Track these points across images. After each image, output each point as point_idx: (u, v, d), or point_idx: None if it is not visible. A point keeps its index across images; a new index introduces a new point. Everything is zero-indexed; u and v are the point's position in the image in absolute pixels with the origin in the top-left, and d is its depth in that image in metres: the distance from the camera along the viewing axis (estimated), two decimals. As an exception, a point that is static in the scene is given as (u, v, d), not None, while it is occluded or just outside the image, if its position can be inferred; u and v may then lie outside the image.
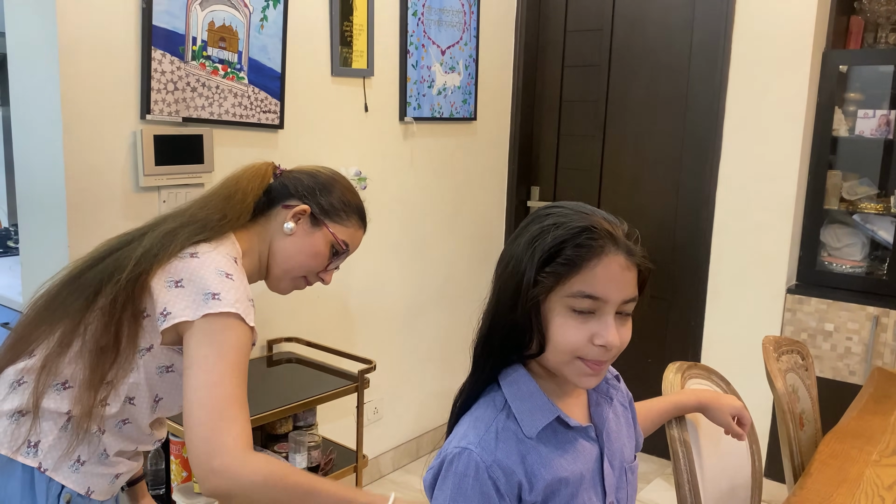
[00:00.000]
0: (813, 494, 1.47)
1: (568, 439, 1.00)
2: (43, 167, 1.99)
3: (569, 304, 0.93)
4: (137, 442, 1.30)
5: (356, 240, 1.43)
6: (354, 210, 1.43)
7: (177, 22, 2.09)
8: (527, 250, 0.95)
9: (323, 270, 1.40)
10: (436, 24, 2.94)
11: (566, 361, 0.95)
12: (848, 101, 2.85)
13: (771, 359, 1.81)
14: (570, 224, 0.94)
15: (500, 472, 0.93)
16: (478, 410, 0.99)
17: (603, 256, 0.93)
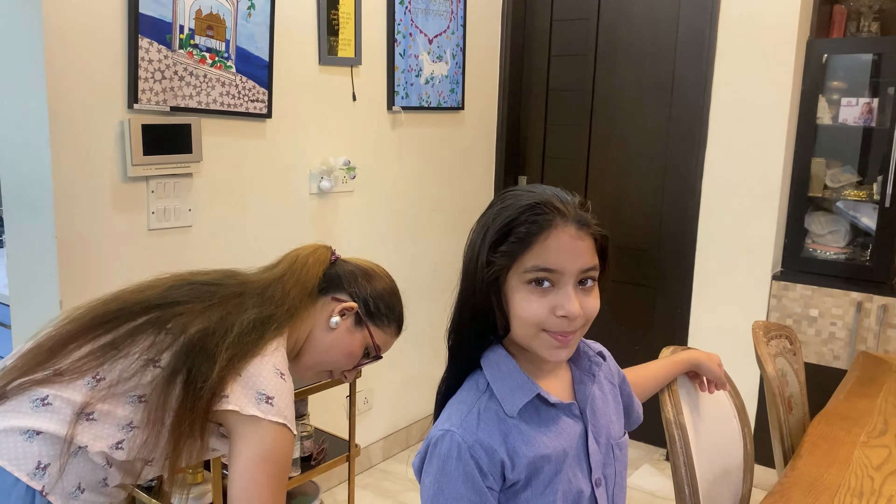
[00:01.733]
0: (804, 475, 1.49)
1: (550, 417, 1.01)
2: (29, 158, 1.97)
3: (526, 280, 0.95)
4: (143, 478, 1.28)
5: (388, 345, 1.44)
6: (396, 317, 1.45)
7: (164, 10, 2.06)
8: (479, 235, 0.99)
9: (349, 370, 1.40)
10: (423, 13, 2.93)
11: (532, 335, 0.97)
12: (831, 90, 2.88)
13: (761, 343, 1.83)
14: (517, 204, 0.97)
15: (482, 451, 0.94)
16: (461, 394, 1.01)
17: (552, 229, 0.94)
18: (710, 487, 1.48)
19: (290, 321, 1.28)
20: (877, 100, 2.75)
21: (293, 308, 1.29)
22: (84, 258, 2.00)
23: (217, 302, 1.25)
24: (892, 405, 1.86)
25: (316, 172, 2.61)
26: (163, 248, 2.18)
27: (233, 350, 1.20)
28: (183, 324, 1.22)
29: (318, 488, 2.38)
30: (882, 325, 2.64)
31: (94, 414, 1.17)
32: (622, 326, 3.27)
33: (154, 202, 2.14)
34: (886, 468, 1.53)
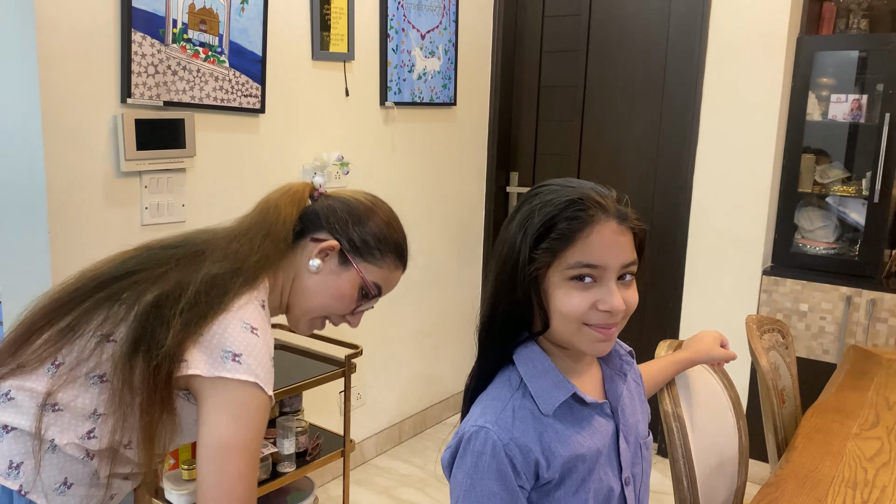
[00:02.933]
0: (799, 467, 1.51)
1: (584, 416, 1.01)
2: (21, 152, 1.95)
3: (569, 276, 0.94)
4: (136, 465, 1.19)
5: (391, 281, 1.27)
6: (391, 247, 1.26)
7: (157, 4, 2.05)
8: (519, 231, 0.97)
9: (350, 313, 1.25)
10: (415, 8, 2.92)
11: (574, 330, 0.97)
12: (821, 86, 2.90)
13: (755, 337, 1.85)
14: (557, 200, 0.96)
15: (516, 449, 0.94)
16: (494, 390, 1.00)
17: (595, 225, 0.94)
18: (707, 480, 1.49)
19: (264, 272, 1.18)
20: (865, 96, 2.78)
21: (266, 257, 1.18)
22: (77, 254, 1.99)
23: (174, 265, 1.15)
24: (882, 398, 1.88)
25: (309, 167, 2.61)
26: (156, 243, 2.17)
27: (189, 312, 1.09)
28: (138, 293, 1.12)
29: (313, 484, 2.38)
30: (871, 319, 2.67)
31: (58, 405, 1.10)
32: (614, 321, 3.28)
33: (147, 197, 2.13)
34: (879, 459, 1.54)
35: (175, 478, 2.00)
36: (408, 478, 2.95)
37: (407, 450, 3.19)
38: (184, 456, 2.03)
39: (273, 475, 2.12)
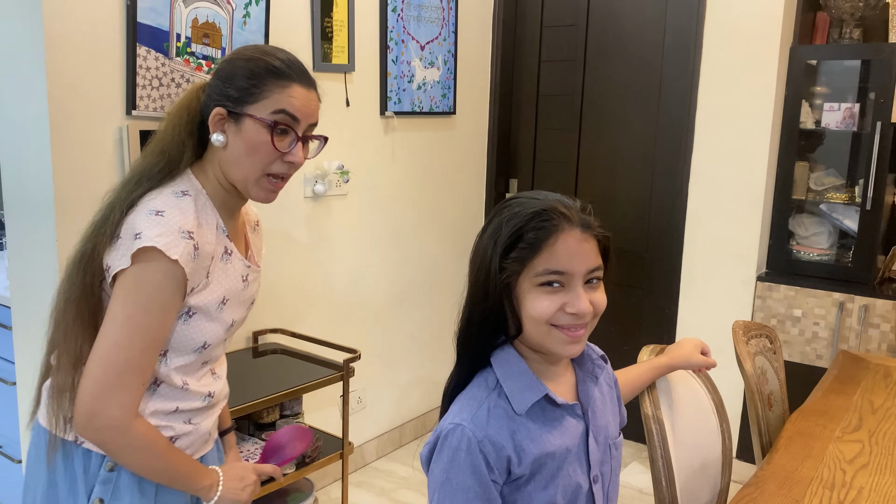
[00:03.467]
0: (779, 468, 1.55)
1: (555, 416, 1.07)
2: (30, 163, 2.02)
3: (538, 283, 1.01)
4: (175, 399, 1.25)
5: (293, 102, 1.22)
6: (266, 73, 1.21)
7: (161, 19, 2.12)
8: (489, 242, 1.04)
9: (282, 157, 1.23)
10: (415, 20, 2.98)
11: (545, 333, 1.03)
12: (814, 95, 2.95)
13: (740, 342, 1.89)
14: (523, 212, 1.02)
15: (490, 446, 1.00)
16: (471, 390, 1.06)
17: (559, 234, 1.00)
18: (689, 481, 1.54)
19: (176, 172, 1.23)
20: (858, 105, 2.82)
21: (175, 158, 1.23)
22: (83, 261, 2.05)
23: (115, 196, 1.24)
24: (867, 402, 1.92)
25: (310, 176, 2.67)
26: (160, 250, 2.23)
27: (101, 230, 1.19)
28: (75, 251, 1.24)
29: (313, 485, 2.44)
30: (863, 324, 2.70)
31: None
32: (612, 326, 3.33)
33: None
34: (858, 462, 1.59)
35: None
36: (407, 480, 3.00)
37: (407, 453, 3.24)
38: (186, 457, 2.08)
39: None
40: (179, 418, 1.28)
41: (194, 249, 1.17)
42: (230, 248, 1.28)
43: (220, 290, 1.25)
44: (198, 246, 1.18)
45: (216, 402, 1.36)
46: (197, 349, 1.26)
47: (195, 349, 1.25)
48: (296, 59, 1.27)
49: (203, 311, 1.24)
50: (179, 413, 1.27)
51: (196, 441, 1.32)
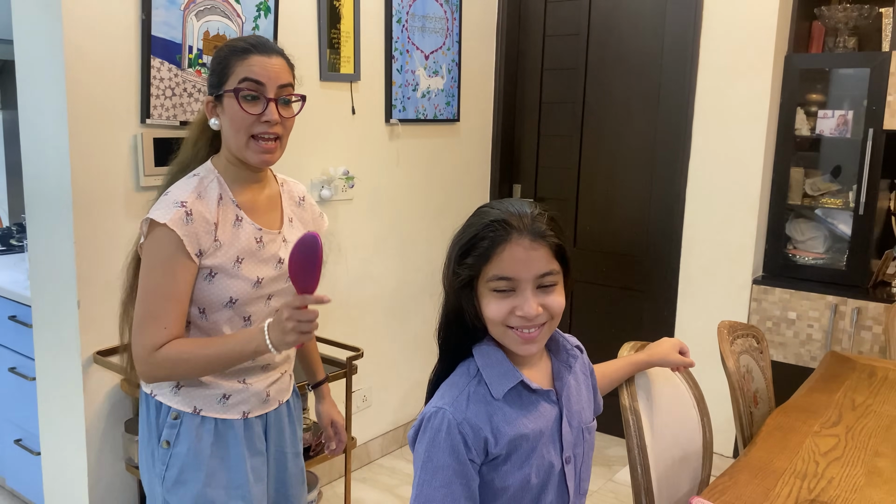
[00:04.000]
0: (755, 460, 1.63)
1: (531, 401, 1.16)
2: (50, 168, 2.13)
3: (490, 288, 1.11)
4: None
5: (253, 69, 1.41)
6: (229, 54, 1.43)
7: (174, 32, 2.23)
8: (452, 247, 1.16)
9: (258, 119, 1.41)
10: (419, 31, 3.08)
11: (501, 333, 1.13)
12: (809, 102, 3.01)
13: (724, 341, 1.97)
14: (479, 221, 1.12)
15: (468, 428, 1.09)
16: (454, 378, 1.16)
17: (507, 243, 1.09)
18: (669, 471, 1.61)
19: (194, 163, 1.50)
20: (851, 112, 2.88)
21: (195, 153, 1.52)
22: (100, 262, 2.17)
23: None
24: (849, 399, 1.99)
25: (317, 181, 2.77)
26: (172, 252, 2.34)
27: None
28: None
29: (318, 479, 2.53)
30: (855, 326, 2.76)
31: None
32: (612, 328, 3.41)
33: (164, 210, 2.30)
34: (832, 455, 1.66)
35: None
36: (411, 477, 3.08)
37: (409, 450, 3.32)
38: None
39: (278, 468, 2.27)
40: (232, 377, 1.49)
41: (186, 215, 1.39)
42: (240, 216, 1.47)
43: (232, 251, 1.45)
44: (190, 212, 1.39)
45: (266, 361, 1.52)
46: (226, 304, 1.45)
47: (224, 304, 1.45)
48: (260, 37, 1.50)
49: (222, 270, 1.44)
50: (229, 372, 1.48)
51: (250, 399, 1.51)
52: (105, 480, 2.27)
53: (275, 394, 1.58)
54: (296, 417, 1.68)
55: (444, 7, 3.18)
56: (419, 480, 1.10)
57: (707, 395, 1.80)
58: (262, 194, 1.55)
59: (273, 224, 1.55)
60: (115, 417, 2.27)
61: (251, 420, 1.54)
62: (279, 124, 1.44)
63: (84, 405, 2.19)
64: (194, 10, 2.26)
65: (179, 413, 1.47)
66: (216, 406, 1.49)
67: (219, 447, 1.49)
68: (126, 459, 2.28)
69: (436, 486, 1.08)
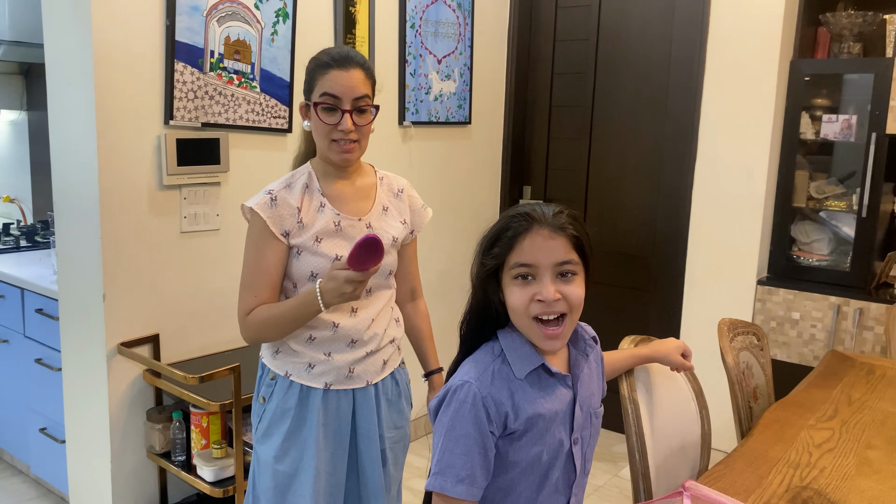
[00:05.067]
0: (751, 450, 1.69)
1: (549, 384, 1.25)
2: (78, 167, 2.23)
3: (512, 275, 1.20)
4: (307, 327, 1.65)
5: (330, 83, 1.60)
6: (315, 67, 1.64)
7: (196, 37, 2.32)
8: (479, 245, 1.25)
9: (336, 127, 1.61)
10: (432, 36, 3.17)
11: (526, 326, 1.21)
12: (814, 107, 3.07)
13: (724, 338, 2.03)
14: (507, 216, 1.23)
15: (492, 402, 1.18)
16: (478, 355, 1.25)
17: (528, 233, 1.19)
18: (667, 460, 1.68)
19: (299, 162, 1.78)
20: (855, 117, 2.94)
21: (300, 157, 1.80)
22: (124, 256, 2.26)
23: None
24: (846, 395, 2.05)
25: (332, 182, 2.86)
26: (193, 248, 2.43)
27: None
28: None
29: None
30: (858, 327, 2.82)
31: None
32: (620, 327, 3.46)
33: (186, 208, 2.39)
34: (826, 446, 1.72)
35: (206, 456, 2.25)
36: (421, 470, 3.17)
37: (421, 445, 3.41)
38: (213, 437, 2.28)
39: (293, 457, 2.36)
40: (318, 349, 1.67)
41: (271, 200, 1.63)
42: (324, 203, 1.68)
43: (312, 231, 1.65)
44: (275, 198, 1.64)
45: (349, 336, 1.69)
46: (309, 277, 1.65)
47: (308, 277, 1.65)
48: (343, 50, 1.66)
49: (305, 248, 1.64)
50: (315, 343, 1.67)
51: (332, 371, 1.68)
52: (128, 467, 2.36)
53: (360, 372, 1.72)
54: (385, 402, 1.79)
55: (457, 13, 3.27)
56: (442, 447, 1.19)
57: (711, 392, 1.87)
58: (352, 186, 1.74)
59: (358, 212, 1.73)
60: (138, 406, 2.36)
61: (333, 392, 1.70)
62: (354, 131, 1.63)
63: (108, 395, 2.29)
64: (216, 16, 2.36)
65: (275, 374, 1.70)
66: (303, 373, 1.68)
67: (301, 409, 1.68)
68: (148, 447, 2.37)
69: (458, 453, 1.17)
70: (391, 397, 1.82)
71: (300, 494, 1.68)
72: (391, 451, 1.81)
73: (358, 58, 1.65)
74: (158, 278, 2.35)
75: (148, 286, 2.33)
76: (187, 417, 2.32)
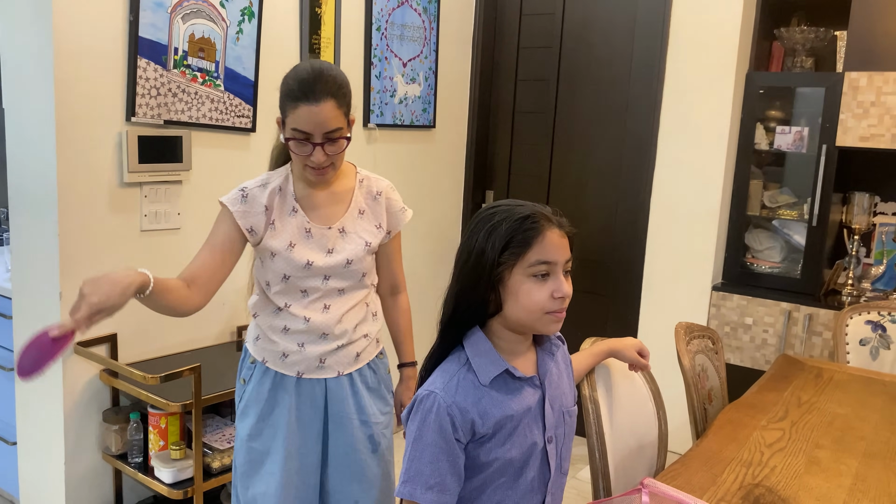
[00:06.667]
0: (705, 450, 1.74)
1: (516, 386, 1.28)
2: (35, 163, 2.19)
3: (530, 273, 1.22)
4: (282, 318, 1.74)
5: (300, 121, 1.59)
6: (286, 97, 1.62)
7: (160, 34, 2.30)
8: (487, 241, 1.23)
9: (307, 157, 1.63)
10: (398, 39, 3.18)
11: (536, 318, 1.24)
12: (768, 118, 3.17)
13: (681, 341, 2.08)
14: (514, 216, 1.23)
15: (457, 410, 1.20)
16: (445, 364, 1.27)
17: (546, 232, 1.22)
18: (626, 459, 1.72)
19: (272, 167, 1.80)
20: (807, 128, 3.04)
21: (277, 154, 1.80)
22: (83, 255, 2.23)
23: None
24: (796, 397, 2.11)
25: (295, 182, 2.85)
26: (153, 247, 2.40)
27: None
28: None
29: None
30: (807, 332, 2.91)
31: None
32: (579, 330, 3.50)
33: (147, 206, 2.36)
34: (777, 446, 1.78)
35: (164, 458, 2.22)
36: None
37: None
38: (172, 438, 2.25)
39: (253, 459, 2.34)
40: (292, 340, 1.74)
41: (242, 197, 1.68)
42: (296, 207, 1.72)
43: (286, 236, 1.70)
44: (246, 195, 1.68)
45: (320, 329, 1.74)
46: (282, 279, 1.71)
47: (281, 279, 1.71)
48: (314, 73, 1.61)
49: (278, 253, 1.69)
50: (290, 334, 1.74)
51: (304, 361, 1.75)
52: (82, 469, 2.32)
53: (332, 363, 1.78)
54: (366, 390, 1.84)
55: (423, 17, 3.29)
56: (410, 455, 1.21)
57: (668, 394, 1.91)
58: (328, 191, 1.76)
59: (330, 218, 1.75)
60: (94, 407, 2.32)
61: (305, 380, 1.77)
62: (326, 160, 1.66)
63: (63, 395, 2.25)
64: (181, 13, 2.34)
65: (255, 359, 1.79)
66: (277, 361, 1.76)
67: (274, 393, 1.77)
68: (103, 449, 2.33)
69: (425, 461, 1.19)
70: (371, 385, 1.87)
71: (270, 472, 1.77)
72: (383, 436, 1.86)
73: (329, 86, 1.59)
74: (117, 277, 2.31)
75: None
76: (145, 419, 2.28)
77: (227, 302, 2.66)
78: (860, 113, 2.85)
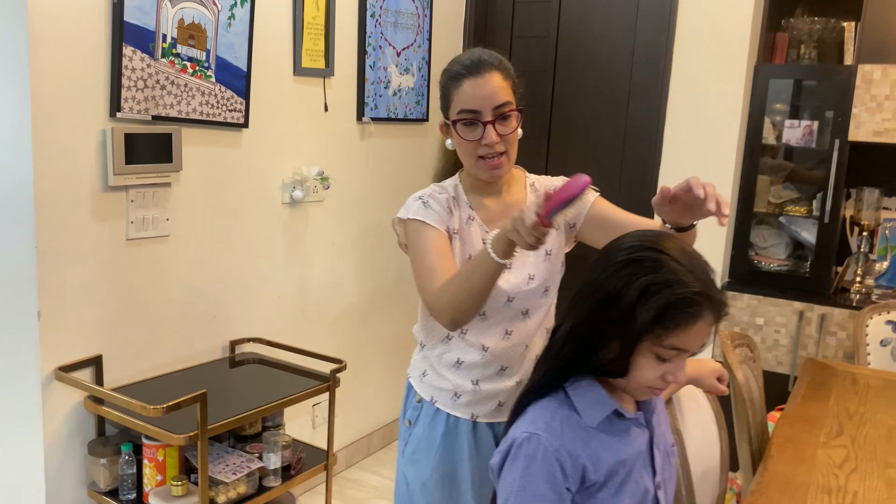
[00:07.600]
0: (777, 475, 1.62)
1: (623, 428, 1.11)
2: (10, 164, 1.92)
3: (658, 353, 1.03)
4: (456, 350, 1.52)
5: (465, 98, 1.44)
6: (447, 82, 1.49)
7: (148, 18, 2.05)
8: (639, 302, 1.01)
9: (478, 142, 1.45)
10: (392, 26, 2.97)
11: (636, 389, 1.08)
12: (776, 112, 3.08)
13: (729, 351, 1.96)
14: (680, 289, 1.00)
15: (566, 455, 1.03)
16: (542, 401, 1.09)
17: (699, 320, 1.01)
18: (695, 488, 1.59)
19: (442, 176, 1.61)
20: (817, 122, 2.96)
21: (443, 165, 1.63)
22: (63, 268, 1.97)
23: None
24: (842, 408, 2.02)
25: (288, 182, 2.62)
26: (140, 257, 2.16)
27: None
28: None
29: (294, 498, 2.40)
30: (821, 332, 2.84)
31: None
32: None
33: (133, 212, 2.11)
34: (847, 467, 1.67)
35: (163, 493, 1.99)
36: (378, 489, 2.98)
37: (376, 462, 3.22)
38: (171, 472, 2.02)
39: (259, 490, 2.13)
40: (465, 376, 1.52)
41: (423, 204, 1.48)
42: (472, 215, 1.53)
43: (467, 249, 1.51)
44: (427, 201, 1.49)
45: (499, 362, 1.52)
46: None
47: None
48: (474, 54, 1.49)
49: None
50: (463, 368, 1.52)
51: (479, 403, 1.52)
52: (65, 508, 2.07)
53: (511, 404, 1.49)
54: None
55: (416, 3, 3.08)
56: None
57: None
58: (501, 203, 1.57)
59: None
60: (78, 439, 2.07)
61: (481, 424, 1.54)
62: (500, 142, 1.46)
63: (42, 426, 1.99)
64: (169, -5, 2.09)
65: (422, 398, 1.58)
66: (448, 402, 1.54)
67: (449, 440, 1.54)
68: (89, 484, 2.09)
69: None
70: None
71: None
72: None
73: (491, 59, 1.47)
74: (101, 292, 2.07)
75: (89, 301, 2.04)
76: (137, 450, 2.05)
77: (218, 315, 2.43)
78: (874, 107, 2.78)
